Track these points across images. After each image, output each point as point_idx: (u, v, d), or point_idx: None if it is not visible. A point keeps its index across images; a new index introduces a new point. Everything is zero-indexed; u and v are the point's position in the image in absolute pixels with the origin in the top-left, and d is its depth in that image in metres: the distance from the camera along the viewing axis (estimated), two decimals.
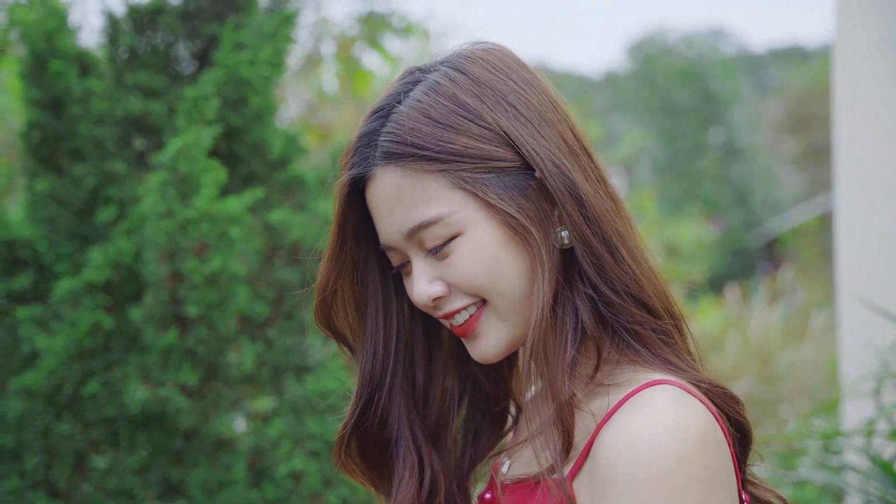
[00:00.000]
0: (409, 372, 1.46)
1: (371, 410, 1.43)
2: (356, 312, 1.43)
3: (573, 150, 1.34)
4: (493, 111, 1.31)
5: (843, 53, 3.92)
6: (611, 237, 1.32)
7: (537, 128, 1.32)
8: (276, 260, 3.21)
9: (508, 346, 1.35)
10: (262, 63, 3.06)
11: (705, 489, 1.20)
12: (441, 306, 1.35)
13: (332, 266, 1.41)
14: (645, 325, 1.32)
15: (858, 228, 3.92)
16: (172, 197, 2.84)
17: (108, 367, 2.98)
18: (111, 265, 2.97)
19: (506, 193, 1.30)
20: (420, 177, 1.30)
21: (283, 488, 2.96)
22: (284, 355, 3.12)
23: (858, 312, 3.89)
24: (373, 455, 1.45)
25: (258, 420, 3.21)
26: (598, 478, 1.23)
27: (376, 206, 1.34)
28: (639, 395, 1.26)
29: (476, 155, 1.30)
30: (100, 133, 3.15)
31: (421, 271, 1.34)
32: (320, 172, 3.37)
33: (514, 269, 1.31)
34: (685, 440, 1.20)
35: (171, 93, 3.30)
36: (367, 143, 1.33)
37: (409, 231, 1.32)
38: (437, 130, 1.30)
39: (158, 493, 2.99)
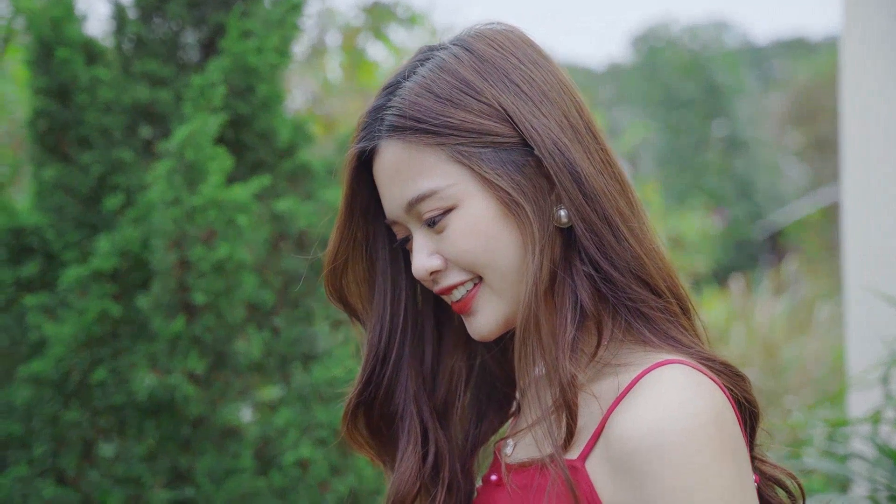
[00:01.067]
0: (418, 348, 1.47)
1: (378, 382, 1.44)
2: (366, 285, 1.45)
3: (576, 130, 1.34)
4: (493, 87, 1.33)
5: (851, 45, 3.92)
6: (612, 215, 1.33)
7: (538, 105, 1.34)
8: (282, 248, 3.21)
9: (503, 323, 1.36)
10: (270, 51, 3.06)
11: (727, 465, 1.21)
12: (438, 280, 1.36)
13: (341, 237, 1.43)
14: (647, 303, 1.33)
15: (865, 220, 3.92)
16: (179, 184, 2.84)
17: (116, 355, 2.98)
18: (119, 253, 2.97)
19: (501, 168, 1.32)
20: (419, 149, 1.33)
21: (290, 476, 2.96)
22: (291, 344, 3.12)
23: (866, 303, 3.88)
24: (379, 428, 1.46)
25: (265, 409, 3.21)
26: (620, 463, 1.24)
27: (380, 180, 1.37)
28: (650, 375, 1.26)
29: (474, 129, 1.32)
30: (107, 121, 3.15)
31: (420, 245, 1.36)
32: (327, 161, 3.36)
33: (507, 245, 1.33)
34: (702, 419, 1.21)
35: (178, 81, 3.29)
36: (375, 117, 1.37)
37: (407, 204, 1.34)
38: (437, 105, 1.33)
39: (166, 480, 2.99)
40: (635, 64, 30.26)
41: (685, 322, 1.36)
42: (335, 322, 3.26)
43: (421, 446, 1.44)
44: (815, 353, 6.96)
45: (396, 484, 1.43)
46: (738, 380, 1.33)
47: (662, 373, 1.26)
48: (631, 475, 1.22)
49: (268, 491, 2.97)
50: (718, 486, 1.19)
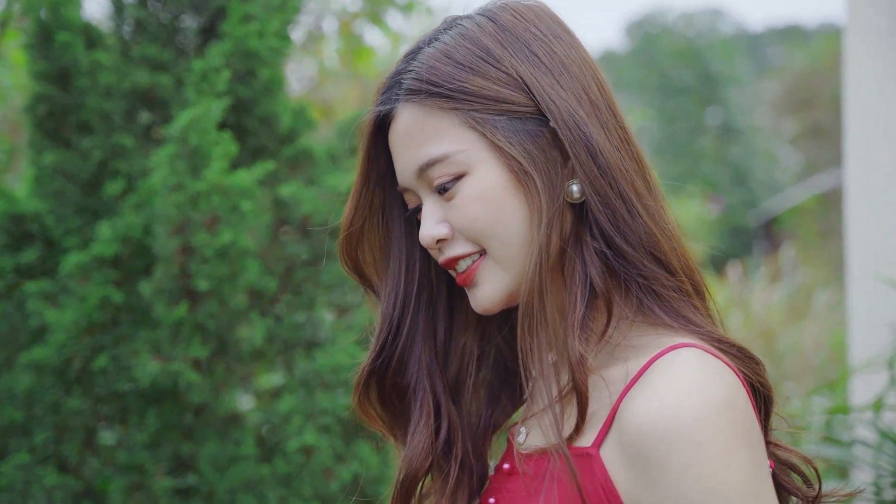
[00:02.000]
0: (431, 322, 1.45)
1: (391, 352, 1.42)
2: (381, 255, 1.44)
3: (595, 105, 1.33)
4: (513, 57, 1.33)
5: (855, 29, 3.90)
6: (626, 191, 1.31)
7: (557, 78, 1.33)
8: (285, 234, 3.19)
9: (506, 296, 1.34)
10: (271, 35, 3.04)
11: (742, 451, 1.19)
12: (444, 250, 1.35)
13: (357, 204, 1.41)
14: (659, 280, 1.31)
15: (867, 205, 3.91)
16: (182, 170, 2.81)
17: (118, 342, 2.96)
18: (120, 239, 2.95)
19: (514, 137, 1.31)
20: (433, 114, 1.32)
21: (294, 463, 2.95)
22: (294, 330, 3.10)
23: (868, 289, 3.88)
24: (391, 400, 1.44)
25: (267, 396, 3.20)
26: (633, 450, 1.22)
27: (394, 144, 1.37)
28: (662, 359, 1.24)
29: (490, 96, 1.31)
30: (107, 106, 3.12)
31: (429, 212, 1.35)
32: (329, 147, 3.34)
33: (514, 216, 1.31)
34: (716, 404, 1.19)
35: (178, 66, 3.26)
36: (393, 82, 1.36)
37: (419, 168, 1.33)
38: (455, 70, 1.32)
39: (168, 468, 2.97)
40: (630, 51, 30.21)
41: (698, 302, 1.34)
42: (338, 308, 3.25)
43: (434, 420, 1.42)
44: (812, 340, 6.96)
45: (408, 458, 1.41)
46: (752, 363, 1.31)
47: (675, 357, 1.24)
48: (645, 463, 1.20)
49: (271, 478, 2.96)
50: (734, 472, 1.18)
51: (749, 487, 1.18)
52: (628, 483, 1.23)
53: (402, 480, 1.40)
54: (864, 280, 3.90)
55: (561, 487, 1.27)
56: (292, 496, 2.93)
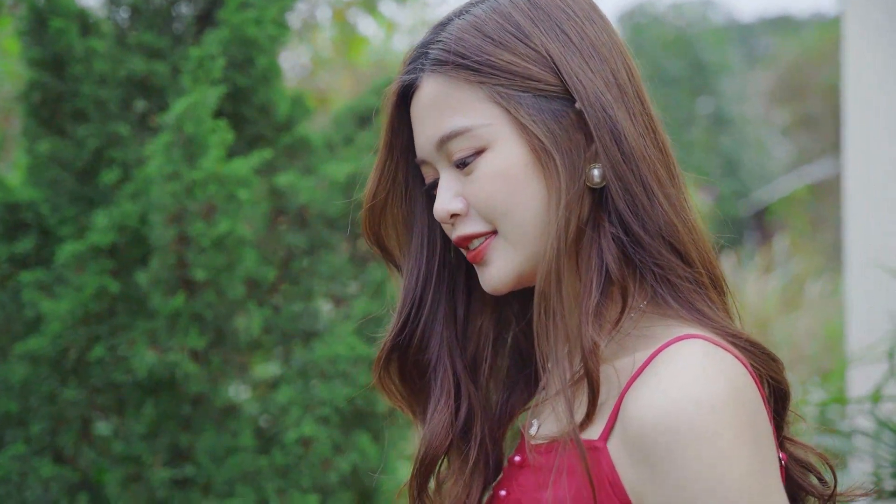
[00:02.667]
0: (452, 300, 1.43)
1: (413, 328, 1.41)
2: (403, 228, 1.42)
3: (623, 90, 1.32)
4: (543, 34, 1.31)
5: (853, 21, 3.89)
6: (648, 178, 1.30)
7: (586, 59, 1.31)
8: (282, 224, 3.17)
9: (516, 277, 1.32)
10: (269, 22, 3.01)
11: (747, 447, 1.17)
12: (457, 226, 1.33)
13: (380, 176, 1.39)
14: (675, 271, 1.29)
15: (867, 194, 3.90)
16: (178, 158, 2.78)
17: (114, 332, 2.93)
18: (116, 228, 2.92)
19: (539, 116, 1.29)
20: (458, 86, 1.31)
21: (292, 454, 2.93)
22: (292, 321, 3.08)
23: (866, 278, 3.88)
24: (412, 377, 1.43)
25: (264, 386, 3.18)
26: (636, 445, 1.20)
27: (416, 115, 1.35)
28: (667, 350, 1.22)
29: (517, 72, 1.30)
30: (103, 94, 3.09)
31: (446, 185, 1.33)
32: (326, 135, 3.31)
33: (532, 196, 1.29)
34: (721, 398, 1.17)
35: (174, 53, 3.23)
36: (420, 52, 1.35)
37: (439, 140, 1.31)
38: (484, 43, 1.31)
39: (166, 459, 2.95)
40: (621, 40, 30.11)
41: (714, 296, 1.32)
42: (334, 298, 3.22)
43: (454, 400, 1.41)
44: (806, 329, 6.96)
45: (429, 436, 1.39)
46: (768, 360, 1.29)
47: (680, 348, 1.21)
48: (647, 458, 1.18)
49: (269, 469, 2.94)
50: (738, 467, 1.16)
51: (754, 482, 1.16)
52: (633, 477, 1.21)
53: (421, 459, 1.39)
54: (862, 270, 3.89)
55: (571, 479, 1.25)
56: (290, 487, 2.92)
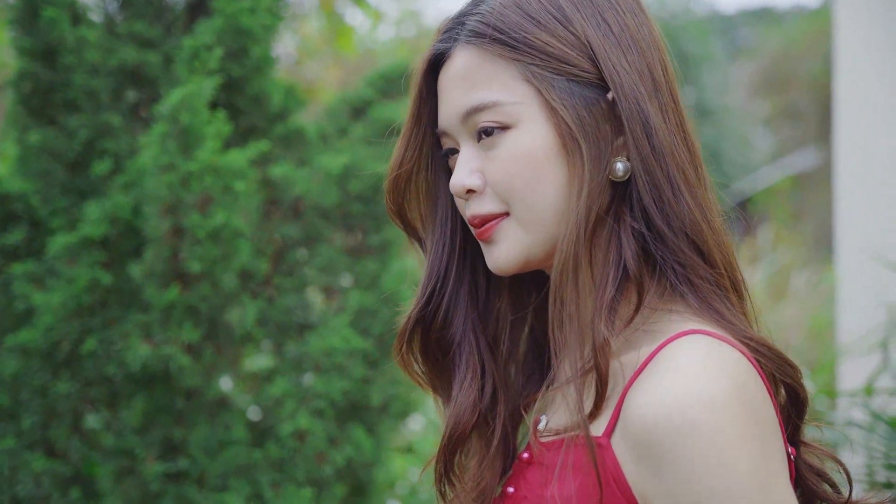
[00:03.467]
0: (474, 278, 1.41)
1: (437, 302, 1.39)
2: (427, 200, 1.40)
3: (657, 86, 1.30)
4: (584, 20, 1.29)
5: (844, 13, 3.89)
6: (675, 176, 1.28)
7: (624, 50, 1.29)
8: (276, 215, 3.14)
9: (524, 259, 1.31)
10: (263, 12, 2.98)
11: (751, 444, 1.15)
12: (472, 204, 1.32)
13: (406, 145, 1.38)
14: (696, 270, 1.27)
15: (858, 185, 3.91)
16: (173, 149, 2.75)
17: (107, 325, 2.90)
18: (109, 220, 2.89)
19: (569, 100, 1.27)
20: (492, 59, 1.29)
21: (287, 448, 2.91)
22: (286, 313, 3.06)
23: (857, 270, 3.88)
24: (434, 355, 1.41)
25: (252, 379, 3.15)
26: (637, 443, 1.19)
27: (444, 84, 1.33)
28: (667, 348, 1.21)
29: (553, 54, 1.28)
30: (94, 84, 3.05)
31: (465, 159, 1.32)
32: (320, 127, 3.29)
33: (552, 181, 1.28)
34: (723, 395, 1.15)
35: (166, 43, 3.20)
36: (457, 23, 1.34)
37: (466, 111, 1.30)
38: (523, 21, 1.29)
39: (159, 452, 2.93)
40: None
41: (734, 299, 1.30)
42: (326, 290, 3.20)
43: (480, 377, 1.40)
44: (792, 321, 6.99)
45: (456, 413, 1.38)
46: (784, 364, 1.27)
47: (682, 344, 1.20)
48: (649, 456, 1.17)
49: (264, 462, 2.92)
50: (742, 464, 1.14)
51: (758, 478, 1.15)
52: (636, 474, 1.20)
53: (449, 436, 1.38)
54: (854, 261, 3.90)
55: (576, 476, 1.24)
56: (285, 481, 2.90)
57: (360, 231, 3.12)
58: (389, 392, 3.05)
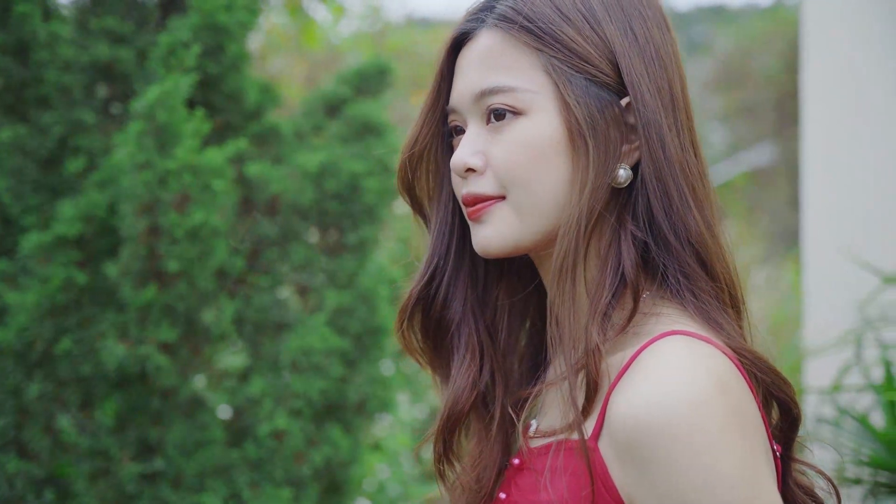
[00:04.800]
0: (474, 262, 1.43)
1: (439, 282, 1.41)
2: (436, 179, 1.41)
3: (675, 101, 1.32)
4: (612, 25, 1.31)
5: (812, 9, 3.93)
6: (685, 188, 1.29)
7: (646, 62, 1.31)
8: (251, 214, 3.13)
9: (512, 245, 1.32)
10: (240, 9, 2.95)
11: (733, 441, 1.16)
12: (469, 182, 1.33)
13: (424, 122, 1.39)
14: (698, 281, 1.28)
15: (824, 181, 3.93)
16: (150, 147, 2.73)
17: (82, 325, 2.87)
18: (83, 218, 2.85)
19: (584, 98, 1.29)
20: (516, 46, 1.31)
21: (265, 447, 2.90)
22: (262, 312, 3.05)
23: (825, 267, 3.92)
24: (434, 334, 1.43)
25: (230, 378, 3.13)
26: (621, 445, 1.20)
27: (463, 62, 1.35)
28: (648, 350, 1.22)
29: (576, 51, 1.30)
30: (67, 80, 3.01)
31: (470, 139, 1.33)
32: (295, 124, 3.27)
33: (554, 174, 1.29)
34: (702, 394, 1.16)
35: (139, 39, 3.17)
36: (487, 6, 1.35)
37: (481, 91, 1.31)
38: (553, 14, 1.31)
39: (134, 453, 2.90)
40: None
41: (732, 314, 1.31)
42: (300, 289, 3.19)
43: (478, 359, 1.41)
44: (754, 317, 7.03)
45: (454, 393, 1.39)
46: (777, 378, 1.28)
47: (662, 345, 1.22)
48: (634, 458, 1.19)
49: (241, 462, 2.91)
50: (724, 462, 1.15)
51: (741, 477, 1.16)
52: (622, 477, 1.21)
53: (447, 416, 1.39)
54: (820, 258, 3.94)
55: (566, 480, 1.25)
56: (263, 480, 2.89)
57: (336, 229, 3.11)
58: (366, 391, 3.05)
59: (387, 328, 3.05)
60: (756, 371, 1.26)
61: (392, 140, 3.17)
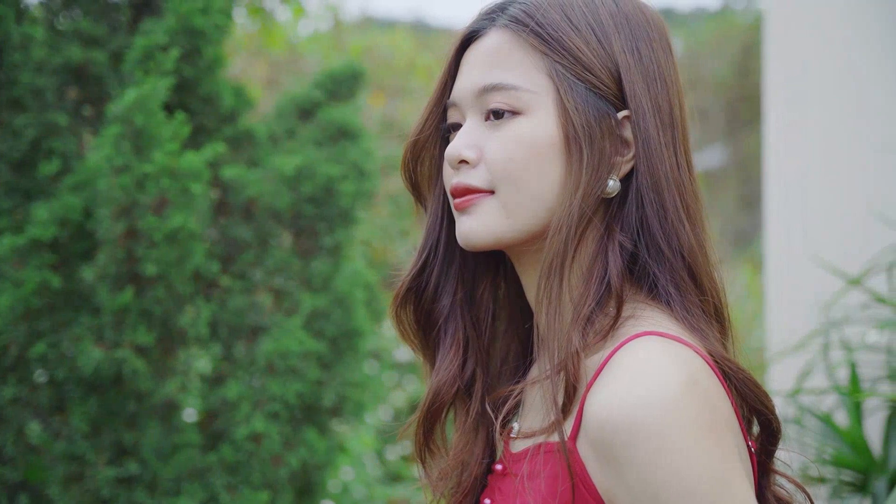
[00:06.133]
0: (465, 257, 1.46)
1: (430, 273, 1.44)
2: (435, 171, 1.44)
3: (673, 122, 1.35)
4: (620, 42, 1.35)
5: (775, 14, 3.97)
6: (678, 201, 1.33)
7: (648, 82, 1.35)
8: (226, 217, 3.12)
9: (495, 239, 1.35)
10: (216, 12, 2.95)
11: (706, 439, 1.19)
12: (461, 173, 1.35)
13: (429, 113, 1.42)
14: (689, 293, 1.32)
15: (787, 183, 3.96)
16: (128, 151, 2.72)
17: (57, 329, 2.85)
18: (58, 221, 2.83)
19: (582, 106, 1.32)
20: (523, 47, 1.34)
21: (242, 451, 2.90)
22: (238, 315, 3.04)
23: (786, 269, 3.97)
24: (424, 325, 1.46)
25: (206, 382, 3.13)
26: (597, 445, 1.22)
27: (469, 60, 1.38)
28: (621, 351, 1.25)
29: (581, 60, 1.33)
30: (40, 82, 2.99)
31: (467, 131, 1.36)
32: (269, 127, 3.27)
33: (546, 175, 1.32)
34: (674, 392, 1.19)
35: (112, 41, 3.15)
36: (499, 8, 1.39)
37: (483, 87, 1.34)
38: (563, 22, 1.34)
39: (110, 457, 2.89)
40: None
41: (717, 328, 1.35)
42: (275, 292, 3.19)
43: (462, 353, 1.44)
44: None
45: (436, 384, 1.43)
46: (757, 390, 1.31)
47: (634, 346, 1.25)
48: (609, 458, 1.21)
49: (218, 466, 2.90)
50: (697, 462, 1.18)
51: (714, 474, 1.18)
52: (600, 477, 1.23)
53: (428, 406, 1.43)
54: (782, 259, 3.98)
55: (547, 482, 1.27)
56: (240, 484, 2.88)
57: (311, 233, 3.11)
58: (341, 394, 3.06)
59: (362, 331, 3.06)
60: (737, 384, 1.29)
61: (367, 144, 3.18)
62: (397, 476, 5.72)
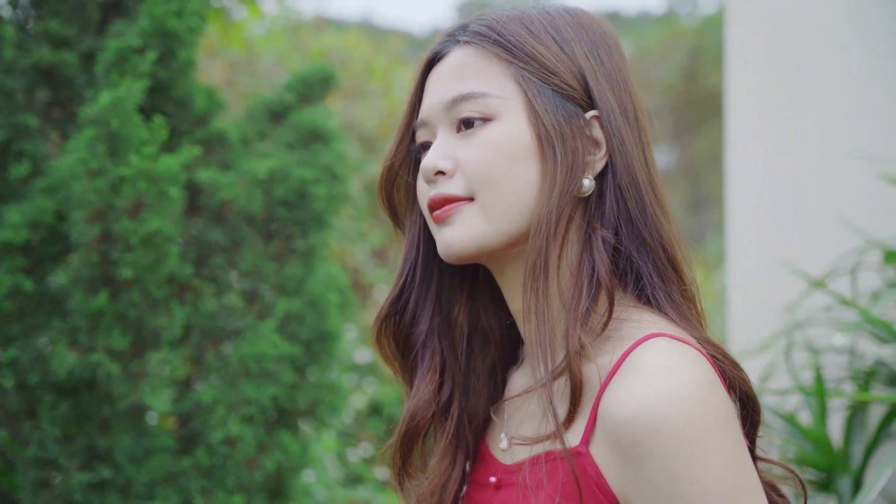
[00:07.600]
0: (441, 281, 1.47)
1: (407, 298, 1.46)
2: (410, 192, 1.46)
3: (639, 123, 1.40)
4: (580, 48, 1.39)
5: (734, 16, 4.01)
6: (653, 196, 1.37)
7: (612, 85, 1.38)
8: (199, 220, 3.11)
9: (478, 246, 1.36)
10: (191, 14, 2.93)
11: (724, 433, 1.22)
12: (438, 185, 1.37)
13: (401, 137, 1.44)
14: (673, 283, 1.36)
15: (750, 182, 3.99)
16: (103, 154, 2.69)
17: (29, 332, 2.82)
18: (30, 224, 2.80)
19: (551, 108, 1.35)
20: (487, 57, 1.37)
21: (217, 454, 2.88)
22: (211, 318, 3.03)
23: (748, 271, 4.02)
24: (403, 348, 1.48)
25: (177, 386, 3.11)
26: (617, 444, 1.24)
27: (435, 77, 1.40)
28: (634, 352, 1.27)
29: (545, 65, 1.37)
30: (10, 83, 2.95)
31: (440, 143, 1.38)
32: (240, 130, 3.26)
33: (522, 176, 1.34)
34: (692, 390, 1.22)
35: (82, 42, 3.12)
36: (461, 27, 1.42)
37: (453, 98, 1.37)
38: (525, 33, 1.38)
39: (82, 462, 2.86)
40: None
41: (696, 312, 1.39)
42: (248, 296, 3.18)
43: (439, 376, 1.46)
44: None
45: (412, 408, 1.45)
46: (738, 372, 1.35)
47: (648, 347, 1.27)
48: (631, 458, 1.23)
49: (193, 470, 2.89)
50: (719, 458, 1.21)
51: (733, 468, 1.22)
52: (618, 478, 1.25)
53: (405, 430, 1.44)
54: (744, 261, 4.03)
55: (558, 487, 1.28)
56: (215, 488, 2.87)
57: (284, 236, 3.11)
58: (315, 397, 3.06)
59: (336, 334, 3.06)
60: (725, 367, 1.33)
61: (339, 147, 3.18)
62: (358, 478, 5.71)
